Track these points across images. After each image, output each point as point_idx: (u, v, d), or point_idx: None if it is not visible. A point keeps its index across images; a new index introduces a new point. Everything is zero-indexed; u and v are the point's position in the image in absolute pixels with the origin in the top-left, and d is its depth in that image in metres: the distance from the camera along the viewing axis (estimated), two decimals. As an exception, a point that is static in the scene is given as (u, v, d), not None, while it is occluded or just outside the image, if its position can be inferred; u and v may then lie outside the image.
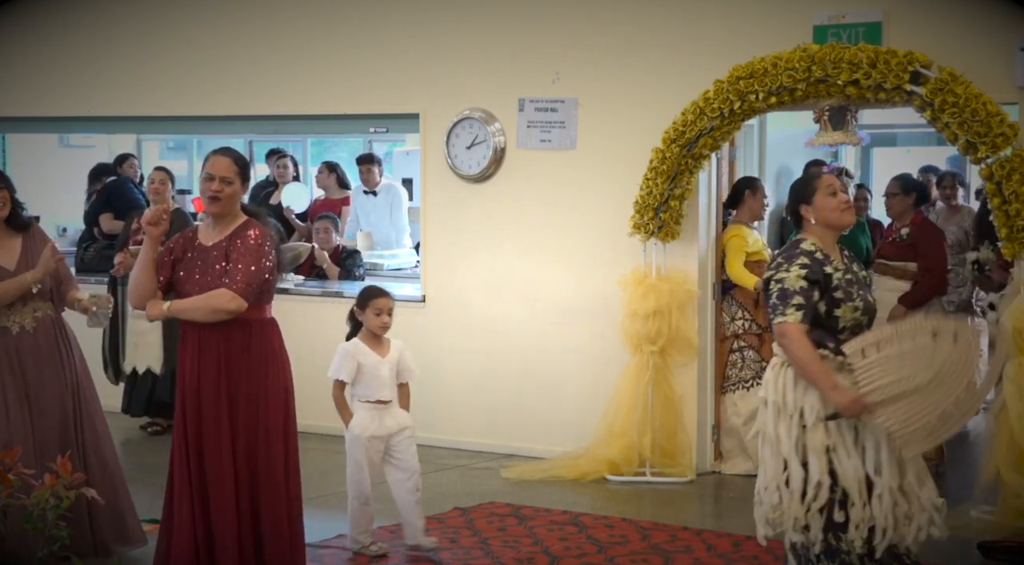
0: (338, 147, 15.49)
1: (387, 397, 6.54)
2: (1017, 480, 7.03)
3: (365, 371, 6.50)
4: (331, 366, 6.54)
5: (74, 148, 14.05)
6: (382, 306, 6.52)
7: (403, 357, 6.61)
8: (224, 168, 5.46)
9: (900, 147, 13.11)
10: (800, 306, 4.94)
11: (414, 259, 11.05)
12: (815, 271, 4.99)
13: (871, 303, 5.12)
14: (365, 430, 6.48)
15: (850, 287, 5.05)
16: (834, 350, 4.97)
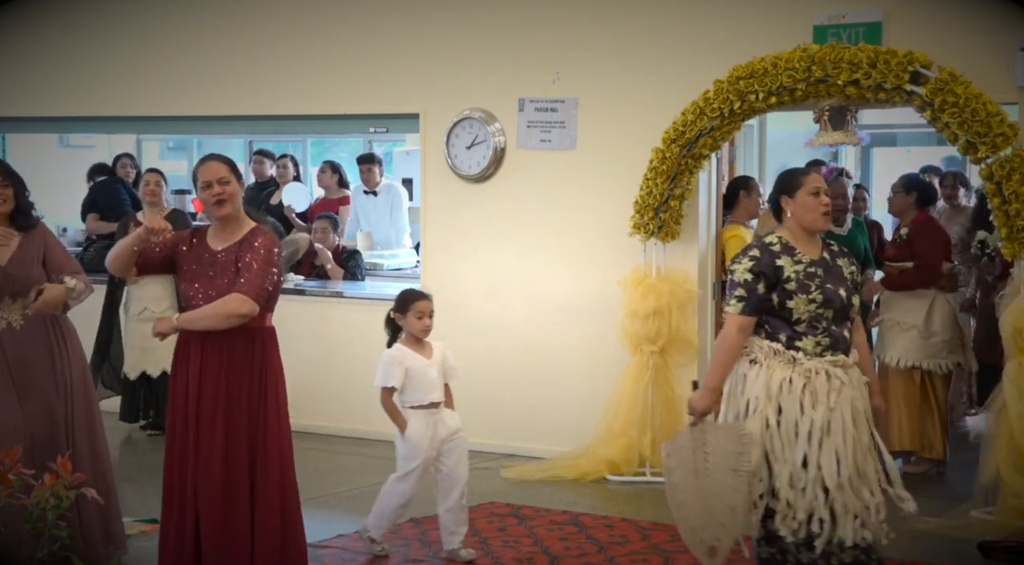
0: (338, 147, 15.49)
1: (438, 399, 6.48)
2: (1017, 480, 7.04)
3: (414, 376, 6.41)
4: (377, 375, 6.42)
5: (74, 148, 14.06)
6: (423, 309, 6.43)
7: (447, 357, 6.55)
8: (217, 171, 5.48)
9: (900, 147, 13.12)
10: (741, 298, 5.15)
11: (414, 259, 11.05)
12: (762, 264, 5.14)
13: (840, 298, 5.16)
14: (423, 438, 6.39)
15: (809, 280, 5.13)
16: (786, 344, 5.12)
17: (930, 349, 8.29)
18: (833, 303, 5.15)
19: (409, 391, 6.41)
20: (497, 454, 8.82)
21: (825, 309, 5.14)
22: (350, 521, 7.22)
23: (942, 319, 8.31)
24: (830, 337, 5.15)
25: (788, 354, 5.12)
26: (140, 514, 7.23)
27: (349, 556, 6.59)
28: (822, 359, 5.13)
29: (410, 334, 6.45)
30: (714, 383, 5.19)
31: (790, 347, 5.12)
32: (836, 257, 5.29)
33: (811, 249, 5.24)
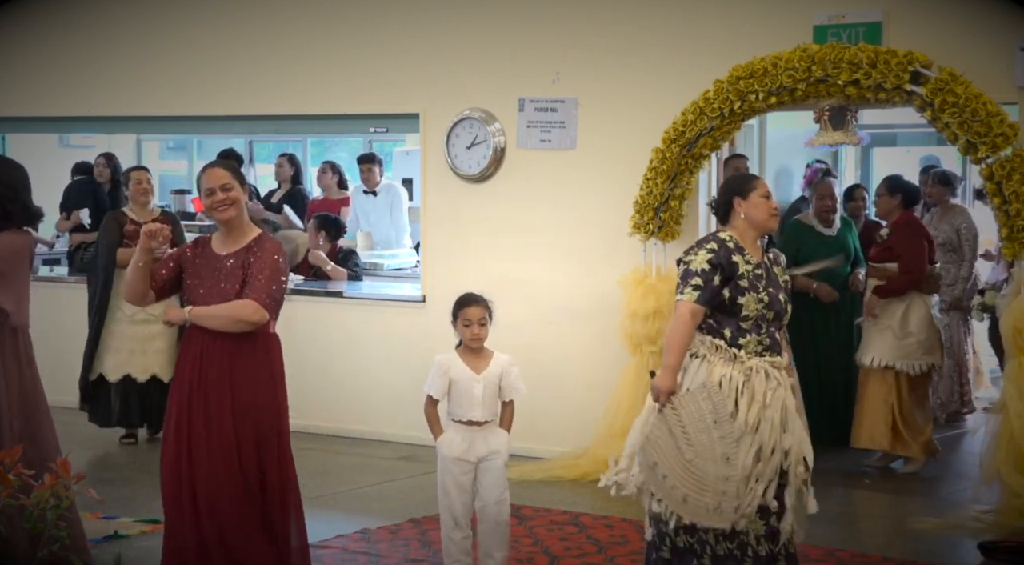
0: (338, 147, 15.49)
1: (478, 417, 5.92)
2: (1017, 480, 7.04)
3: (457, 388, 5.92)
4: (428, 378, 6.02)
5: (74, 148, 14.06)
6: (472, 316, 5.92)
7: (507, 373, 5.99)
8: (220, 177, 5.46)
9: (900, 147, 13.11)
10: (697, 287, 5.24)
11: (414, 259, 11.05)
12: (720, 257, 5.26)
13: (780, 302, 5.34)
14: (451, 451, 5.93)
15: (757, 281, 5.29)
16: (729, 341, 5.25)
17: (904, 349, 8.32)
18: (774, 306, 5.32)
19: (451, 403, 5.96)
20: (497, 454, 8.80)
21: (768, 310, 5.30)
22: (350, 521, 7.23)
23: (918, 320, 8.33)
24: (769, 338, 5.31)
25: (730, 351, 5.25)
26: (140, 514, 7.23)
27: (349, 556, 6.59)
28: (761, 358, 5.26)
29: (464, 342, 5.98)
30: (673, 362, 5.25)
31: (732, 344, 5.26)
32: (773, 264, 5.46)
33: (755, 252, 5.40)
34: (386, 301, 9.62)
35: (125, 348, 8.97)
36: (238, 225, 5.48)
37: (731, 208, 5.40)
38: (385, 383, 9.33)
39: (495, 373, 5.96)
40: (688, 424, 5.21)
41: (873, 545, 6.78)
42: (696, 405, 5.22)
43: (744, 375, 5.22)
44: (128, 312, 8.93)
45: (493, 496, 5.97)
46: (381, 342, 9.43)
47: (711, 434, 5.18)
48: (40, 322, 6.34)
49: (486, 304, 5.99)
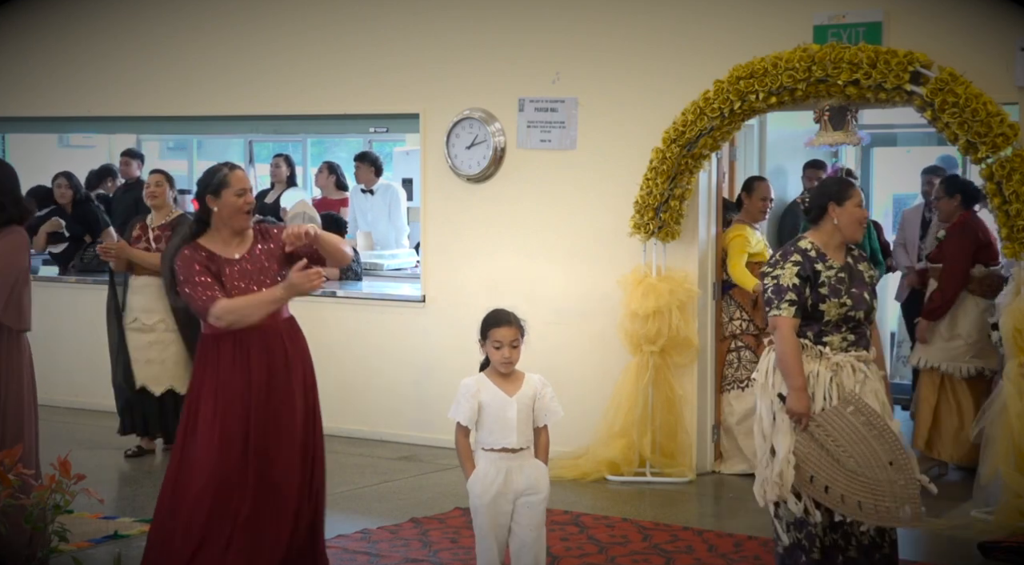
0: (338, 147, 15.49)
1: (514, 444, 5.36)
2: (1017, 480, 7.04)
3: (487, 412, 5.37)
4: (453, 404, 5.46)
5: (74, 148, 14.06)
6: (502, 337, 5.41)
7: (541, 395, 5.48)
8: (245, 180, 5.59)
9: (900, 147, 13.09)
10: (792, 302, 5.41)
11: (414, 259, 11.05)
12: (806, 269, 5.44)
13: (866, 301, 5.50)
14: (487, 489, 5.34)
15: (840, 285, 5.45)
16: (814, 340, 5.43)
17: (951, 351, 8.21)
18: (859, 306, 5.47)
19: (483, 430, 5.40)
20: (497, 454, 8.80)
21: (855, 311, 5.46)
22: (350, 521, 7.23)
23: (968, 322, 8.16)
24: (855, 334, 5.48)
25: (816, 349, 5.43)
26: (140, 514, 7.23)
27: (349, 556, 6.59)
28: (847, 354, 5.44)
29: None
30: (799, 383, 5.38)
31: (818, 342, 5.45)
32: (857, 262, 5.60)
33: (838, 255, 5.55)
34: (386, 301, 9.62)
35: (142, 358, 8.67)
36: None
37: (825, 212, 5.54)
38: (385, 383, 9.33)
39: (528, 395, 5.44)
40: (840, 437, 5.37)
41: (873, 545, 6.77)
42: (843, 420, 5.38)
43: (831, 371, 5.40)
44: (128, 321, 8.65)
45: (530, 537, 5.38)
46: (381, 342, 9.42)
47: (870, 444, 5.35)
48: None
49: (518, 323, 5.50)
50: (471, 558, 6.51)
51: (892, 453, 5.35)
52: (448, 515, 7.34)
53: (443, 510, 7.43)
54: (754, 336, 8.42)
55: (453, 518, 7.28)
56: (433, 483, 8.20)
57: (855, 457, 5.35)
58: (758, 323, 8.40)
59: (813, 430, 5.38)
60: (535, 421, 5.45)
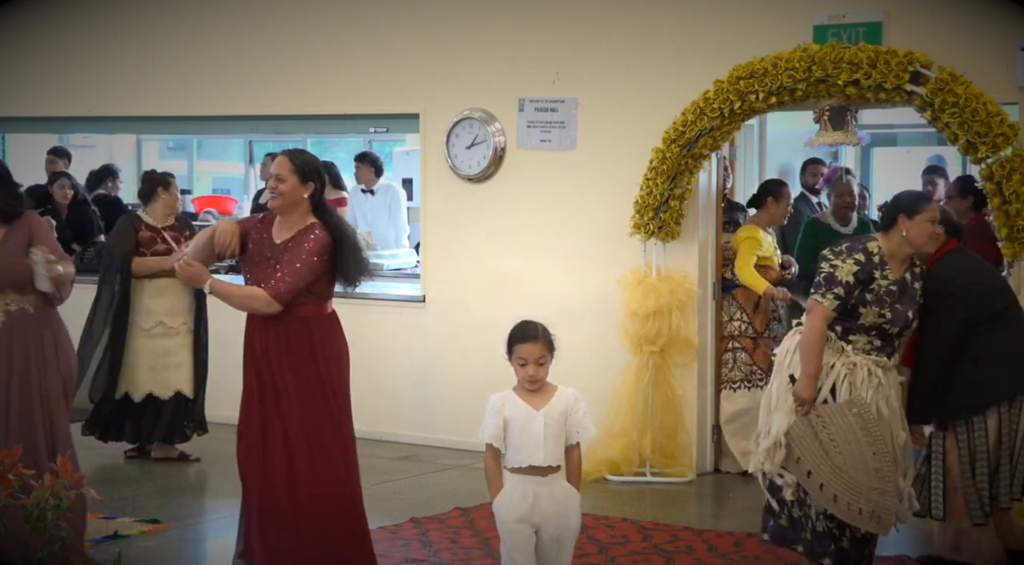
0: (338, 147, 15.49)
1: (541, 462, 4.98)
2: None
3: (513, 428, 5.02)
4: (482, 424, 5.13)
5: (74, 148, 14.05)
6: (526, 355, 5.07)
7: (572, 410, 5.07)
8: (279, 165, 5.66)
9: (900, 147, 13.11)
10: (838, 297, 5.50)
11: (414, 259, 11.05)
12: (865, 271, 5.51)
13: (906, 318, 5.58)
14: (511, 512, 4.98)
15: (887, 297, 5.53)
16: (839, 334, 5.52)
17: None
18: (897, 322, 5.57)
19: (509, 448, 5.03)
20: (497, 454, 8.80)
21: (890, 326, 5.56)
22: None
23: None
24: (882, 340, 5.57)
25: (839, 343, 5.53)
26: (140, 514, 7.23)
27: (349, 556, 6.58)
28: (868, 356, 5.53)
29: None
30: (812, 369, 5.50)
31: (843, 338, 5.54)
32: (915, 280, 5.68)
33: (899, 268, 5.62)
34: (386, 301, 9.61)
35: (146, 364, 8.49)
36: (288, 215, 5.66)
37: (895, 223, 5.63)
38: (385, 383, 9.33)
39: (558, 409, 5.05)
40: (836, 433, 5.46)
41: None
42: (844, 418, 5.47)
43: (847, 368, 5.49)
44: (146, 326, 8.49)
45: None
46: (381, 342, 9.42)
47: (862, 447, 5.42)
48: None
49: (546, 338, 5.15)
50: (471, 558, 6.52)
51: (881, 462, 5.43)
52: (448, 515, 7.34)
53: (443, 510, 7.43)
54: (751, 339, 8.41)
55: (453, 518, 7.28)
56: (433, 483, 8.19)
57: (844, 455, 5.43)
58: (757, 326, 8.40)
59: (812, 419, 5.46)
60: (567, 438, 5.05)
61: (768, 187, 8.67)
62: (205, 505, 7.81)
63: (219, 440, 9.18)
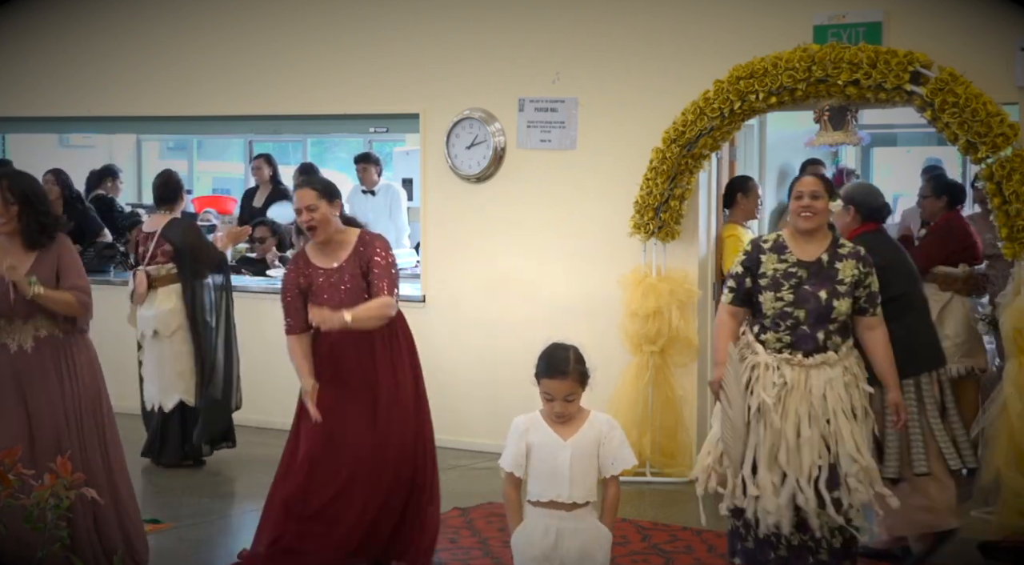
0: (338, 147, 15.50)
1: (565, 498, 4.52)
2: (1017, 480, 7.02)
3: (536, 456, 4.57)
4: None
5: (74, 148, 14.06)
6: (553, 391, 4.56)
7: (606, 439, 4.59)
8: (305, 198, 5.87)
9: (900, 147, 13.11)
10: (732, 289, 5.60)
11: (414, 259, 11.05)
12: (750, 259, 5.56)
13: (816, 299, 5.43)
14: (530, 548, 4.54)
15: (785, 280, 5.45)
16: (756, 335, 5.53)
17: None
18: (807, 303, 5.42)
19: (530, 478, 4.59)
20: (497, 454, 8.74)
21: (796, 309, 5.41)
22: (350, 521, 7.21)
23: (955, 322, 8.14)
24: (793, 336, 5.43)
25: (754, 345, 5.52)
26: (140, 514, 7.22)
27: (349, 556, 6.58)
28: (779, 355, 5.45)
29: None
30: (717, 357, 5.64)
31: (757, 339, 5.53)
32: (838, 259, 5.51)
33: (807, 248, 5.51)
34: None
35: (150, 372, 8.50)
36: (330, 238, 5.91)
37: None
38: (385, 383, 9.32)
39: (589, 439, 4.57)
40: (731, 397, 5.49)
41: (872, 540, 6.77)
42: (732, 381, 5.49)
43: (750, 369, 5.45)
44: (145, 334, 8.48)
45: None
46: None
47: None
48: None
49: (578, 372, 4.58)
50: (470, 558, 6.52)
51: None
52: (448, 515, 7.33)
53: (443, 510, 7.41)
54: (753, 336, 8.43)
55: (453, 518, 7.28)
56: (433, 483, 8.18)
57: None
58: (754, 323, 8.42)
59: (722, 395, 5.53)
60: (601, 470, 4.56)
61: (734, 184, 8.70)
62: (205, 505, 7.81)
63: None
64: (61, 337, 5.74)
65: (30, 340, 5.69)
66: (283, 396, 9.77)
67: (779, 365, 5.43)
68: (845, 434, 5.45)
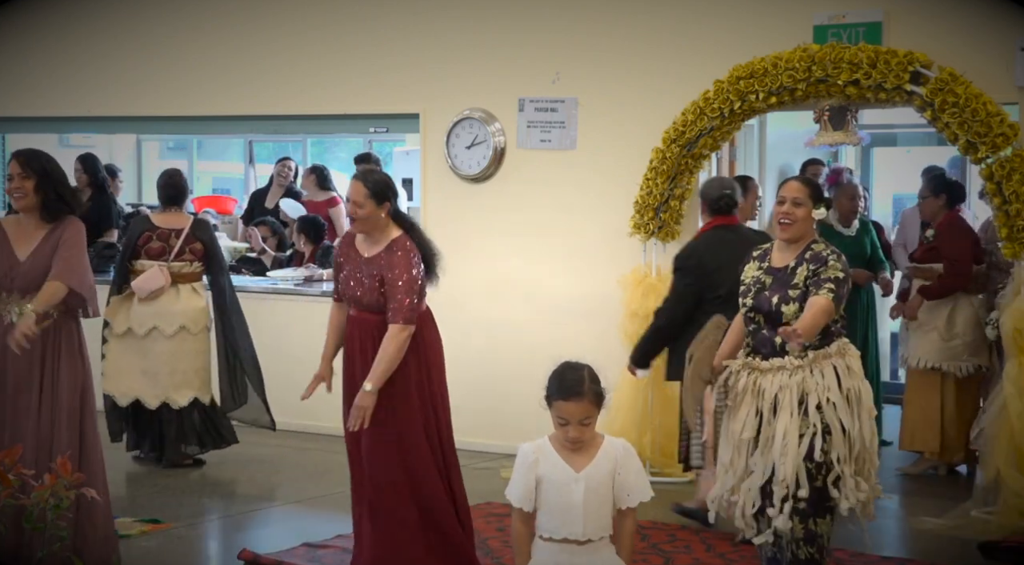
0: (338, 147, 15.49)
1: (579, 535, 4.19)
2: (1017, 480, 7.03)
3: (547, 490, 4.22)
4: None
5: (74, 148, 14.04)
6: (568, 415, 4.24)
7: (624, 468, 4.28)
8: (355, 192, 5.95)
9: (900, 147, 13.10)
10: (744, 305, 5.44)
11: (414, 259, 11.05)
12: (741, 268, 5.51)
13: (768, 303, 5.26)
14: None
15: (754, 285, 5.37)
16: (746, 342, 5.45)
17: (951, 351, 8.27)
18: (761, 309, 5.33)
19: (541, 512, 4.24)
20: (497, 454, 8.81)
21: (755, 313, 5.35)
22: (350, 521, 7.21)
23: (964, 321, 8.24)
24: (755, 339, 5.37)
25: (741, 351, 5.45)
26: (140, 514, 7.23)
27: (349, 556, 6.58)
28: (746, 360, 5.39)
29: None
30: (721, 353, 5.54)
31: (745, 345, 5.44)
32: (804, 263, 5.29)
33: (783, 255, 5.39)
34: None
35: (136, 369, 8.40)
36: (372, 233, 5.98)
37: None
38: (385, 383, 9.32)
39: (603, 469, 4.24)
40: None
41: (873, 545, 6.77)
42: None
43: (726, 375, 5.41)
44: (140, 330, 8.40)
45: None
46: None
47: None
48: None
49: (593, 392, 4.34)
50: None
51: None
52: (448, 515, 7.33)
53: (443, 510, 7.42)
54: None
55: (453, 518, 7.27)
56: (433, 483, 8.18)
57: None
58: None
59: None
60: (616, 502, 4.24)
61: None
62: (205, 505, 7.81)
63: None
64: (55, 317, 5.74)
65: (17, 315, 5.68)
66: (283, 396, 9.80)
67: (741, 368, 5.37)
68: (777, 443, 5.24)
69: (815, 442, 5.18)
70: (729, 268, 6.06)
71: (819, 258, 5.29)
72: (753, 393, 5.31)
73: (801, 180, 5.54)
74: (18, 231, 5.79)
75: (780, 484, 5.19)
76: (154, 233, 8.42)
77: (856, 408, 5.26)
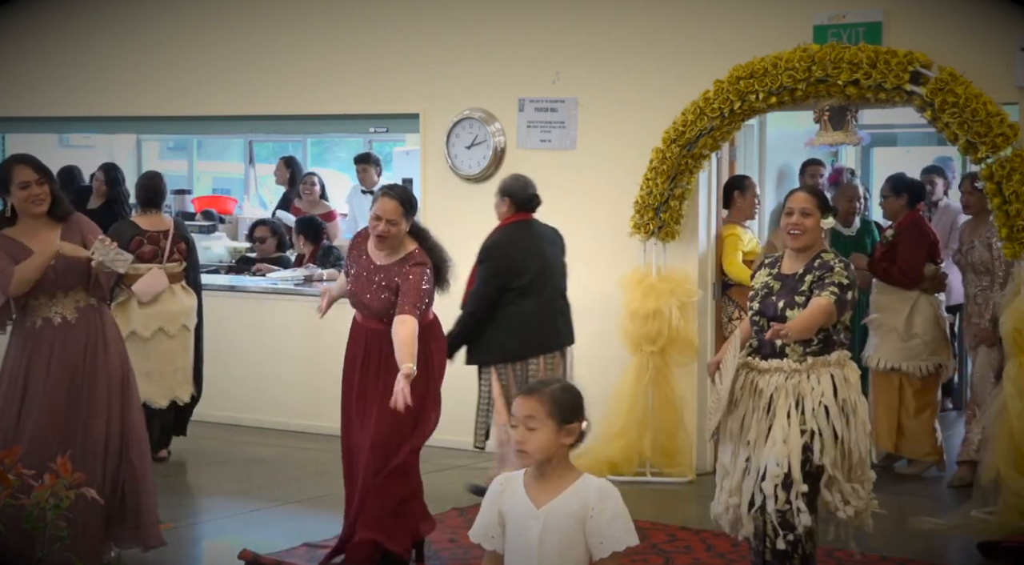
0: (338, 147, 15.50)
1: None
2: (1017, 480, 7.03)
3: (509, 526, 3.67)
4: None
5: (74, 148, 14.06)
6: (516, 410, 3.67)
7: (595, 512, 3.58)
8: (391, 211, 5.97)
9: (900, 147, 13.11)
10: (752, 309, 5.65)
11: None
12: (753, 275, 5.74)
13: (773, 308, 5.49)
14: None
15: (763, 290, 5.57)
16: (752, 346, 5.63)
17: (910, 351, 8.34)
18: (766, 313, 5.53)
19: (507, 554, 3.70)
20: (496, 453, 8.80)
21: (761, 317, 5.54)
22: (350, 521, 7.21)
23: (923, 321, 8.33)
24: (758, 340, 5.56)
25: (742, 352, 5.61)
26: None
27: (349, 556, 6.59)
28: (750, 358, 5.57)
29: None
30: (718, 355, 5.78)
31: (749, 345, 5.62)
32: (810, 271, 5.50)
33: (792, 263, 5.59)
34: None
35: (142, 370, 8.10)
36: (392, 246, 6.04)
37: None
38: (385, 383, 9.32)
39: (570, 508, 3.59)
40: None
41: (873, 545, 6.76)
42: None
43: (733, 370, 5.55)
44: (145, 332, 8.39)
45: None
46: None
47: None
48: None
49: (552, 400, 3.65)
50: (470, 558, 6.51)
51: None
52: (446, 515, 7.34)
53: (441, 510, 7.42)
54: (750, 337, 8.44)
55: (451, 518, 7.28)
56: (430, 483, 8.13)
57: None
58: (757, 324, 8.42)
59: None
60: (591, 551, 3.59)
61: (731, 183, 8.74)
62: (205, 505, 7.81)
63: (216, 440, 9.21)
64: (96, 305, 6.08)
65: (73, 311, 6.00)
66: (283, 396, 9.80)
67: (741, 367, 5.54)
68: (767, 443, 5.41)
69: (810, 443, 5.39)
70: (529, 259, 7.09)
71: (827, 266, 5.52)
72: (750, 392, 5.51)
73: (808, 191, 5.77)
74: (33, 237, 5.97)
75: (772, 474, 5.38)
76: (144, 237, 8.41)
77: (851, 419, 5.44)
